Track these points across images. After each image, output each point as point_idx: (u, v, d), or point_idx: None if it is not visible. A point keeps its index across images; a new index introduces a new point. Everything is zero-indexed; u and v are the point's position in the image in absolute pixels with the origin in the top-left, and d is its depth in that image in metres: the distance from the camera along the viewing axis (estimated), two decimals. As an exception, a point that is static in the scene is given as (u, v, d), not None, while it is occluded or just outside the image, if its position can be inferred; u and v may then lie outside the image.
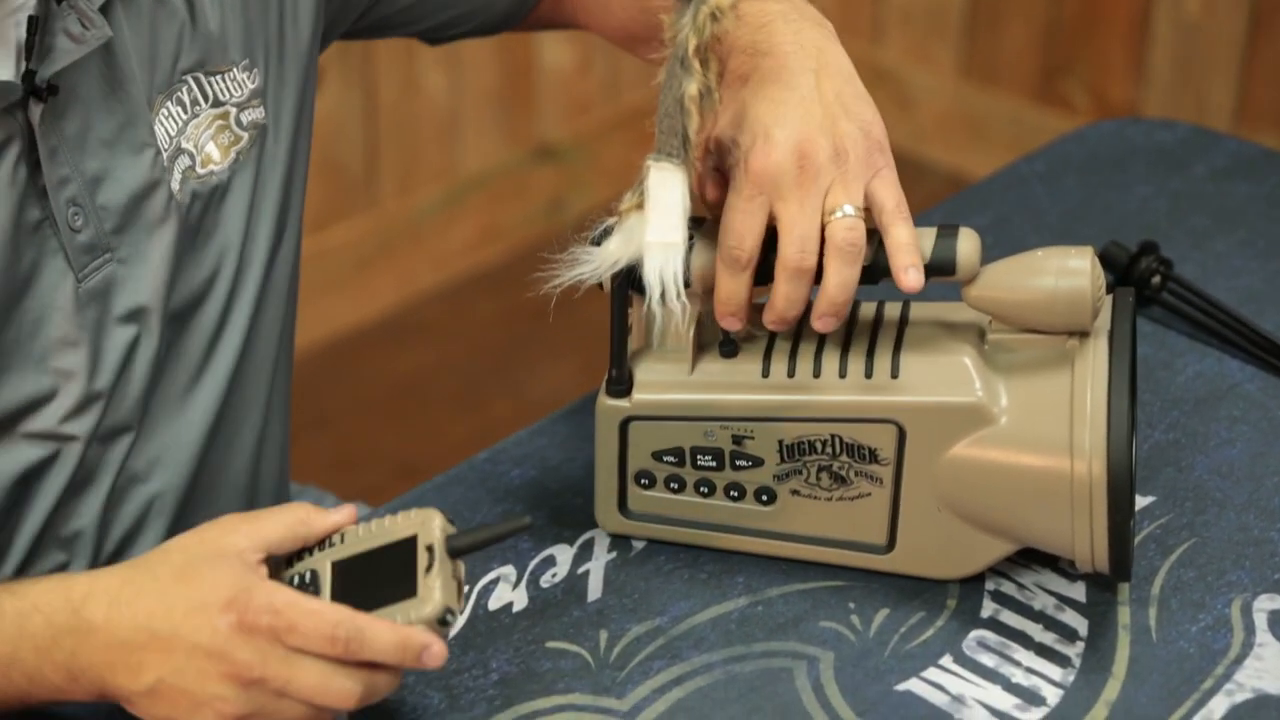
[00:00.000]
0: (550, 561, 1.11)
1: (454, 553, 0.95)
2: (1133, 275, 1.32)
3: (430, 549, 0.94)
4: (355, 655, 0.92)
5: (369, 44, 2.58)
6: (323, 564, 0.96)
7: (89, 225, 1.05)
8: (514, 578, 1.10)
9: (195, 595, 0.93)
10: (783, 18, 1.08)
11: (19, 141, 1.01)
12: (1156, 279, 1.32)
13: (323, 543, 0.98)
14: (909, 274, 1.00)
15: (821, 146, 1.01)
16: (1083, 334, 1.04)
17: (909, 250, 1.01)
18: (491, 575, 1.10)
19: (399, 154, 2.72)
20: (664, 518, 1.11)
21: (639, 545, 1.12)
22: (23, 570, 1.08)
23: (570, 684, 1.03)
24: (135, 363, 1.09)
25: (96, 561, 1.11)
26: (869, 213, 1.02)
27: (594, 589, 1.09)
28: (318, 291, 2.45)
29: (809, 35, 1.07)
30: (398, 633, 0.92)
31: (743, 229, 1.02)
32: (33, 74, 1.00)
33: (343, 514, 0.99)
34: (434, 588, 0.93)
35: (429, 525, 0.95)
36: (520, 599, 1.09)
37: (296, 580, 0.96)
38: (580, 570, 1.11)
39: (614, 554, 1.12)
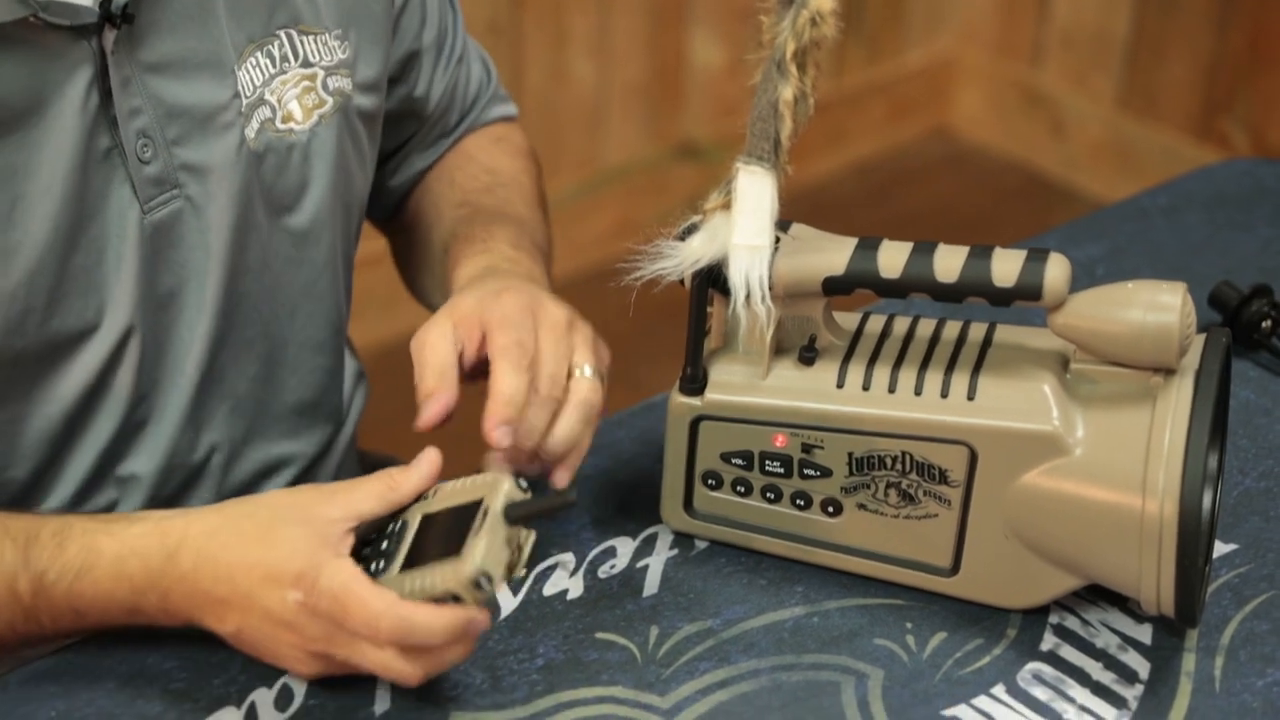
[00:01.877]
0: (611, 553, 1.11)
1: (509, 521, 0.97)
2: (1242, 317, 1.28)
3: (486, 512, 0.96)
4: (407, 643, 0.95)
5: (519, 26, 2.60)
6: (415, 516, 1.00)
7: (158, 158, 1.06)
8: (572, 565, 1.10)
9: (271, 561, 0.96)
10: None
11: (90, 67, 1.03)
12: (1267, 323, 1.28)
13: (420, 496, 1.01)
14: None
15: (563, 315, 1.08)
16: (1168, 371, 1.01)
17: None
18: (550, 561, 1.10)
19: (541, 140, 2.71)
20: (728, 520, 1.10)
21: (701, 545, 1.11)
22: (72, 507, 1.10)
23: (614, 676, 1.02)
24: (188, 304, 1.10)
25: (152, 504, 1.13)
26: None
27: (651, 584, 1.09)
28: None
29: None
30: (444, 617, 0.95)
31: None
32: (109, 0, 1.01)
33: (426, 464, 1.01)
34: (475, 550, 0.95)
35: (496, 489, 0.98)
36: (576, 587, 1.08)
37: (390, 528, 1.00)
38: (640, 564, 1.10)
39: (675, 551, 1.11)
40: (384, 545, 0.99)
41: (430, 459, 1.01)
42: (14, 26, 0.99)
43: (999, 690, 1.02)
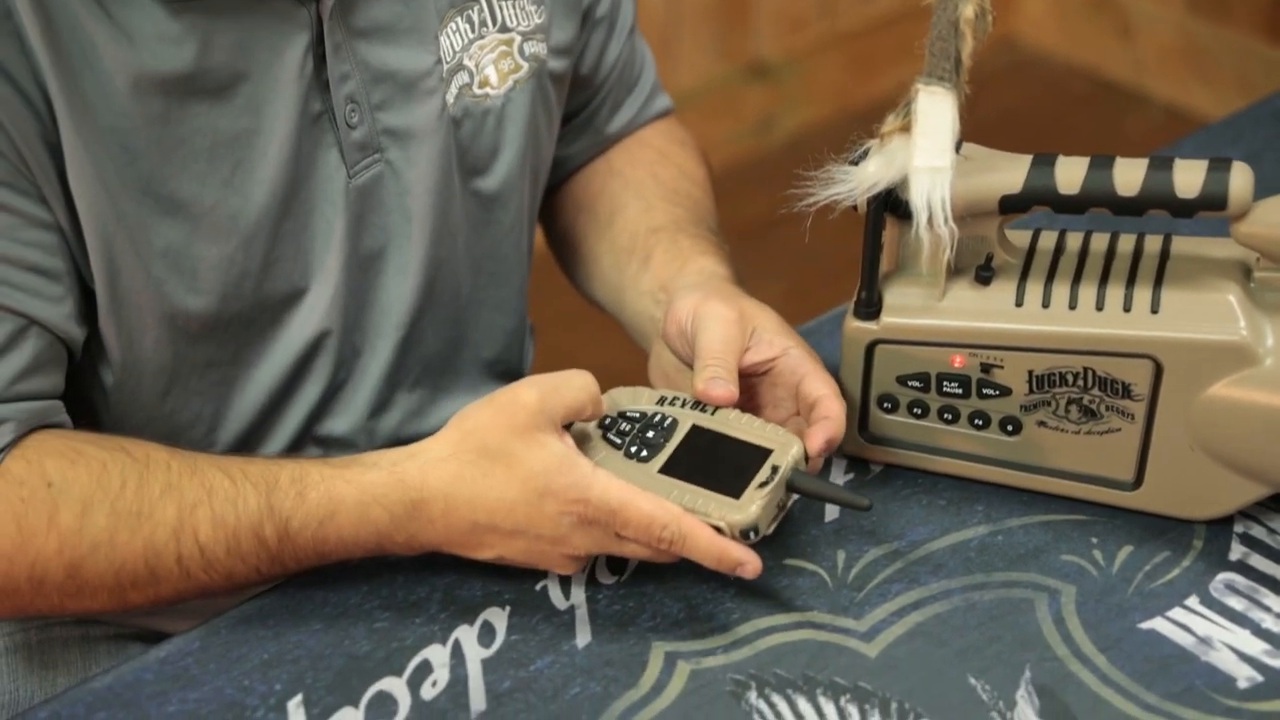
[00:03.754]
0: (788, 480, 1.11)
1: (790, 485, 0.99)
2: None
3: (775, 469, 0.98)
4: (675, 552, 0.98)
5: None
6: (684, 419, 1.02)
7: (363, 123, 1.06)
8: (752, 494, 1.10)
9: (531, 489, 0.97)
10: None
11: (308, 33, 1.03)
12: None
13: (693, 403, 1.03)
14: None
15: None
16: (1355, 276, 1.01)
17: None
18: (729, 490, 1.10)
19: (613, 65, 2.72)
20: (904, 442, 1.10)
21: (876, 469, 1.12)
22: None
23: (808, 601, 1.03)
24: (389, 266, 1.11)
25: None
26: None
27: (831, 510, 1.09)
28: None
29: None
30: (716, 544, 0.97)
31: None
32: None
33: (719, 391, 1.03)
34: (755, 503, 0.97)
35: (787, 450, 1.00)
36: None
37: (652, 417, 1.01)
38: (818, 490, 1.10)
39: (851, 475, 1.11)
40: (645, 433, 1.01)
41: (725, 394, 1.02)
42: None
43: (1193, 601, 1.02)
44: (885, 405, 1.09)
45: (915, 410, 1.09)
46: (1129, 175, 1.01)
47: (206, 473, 0.98)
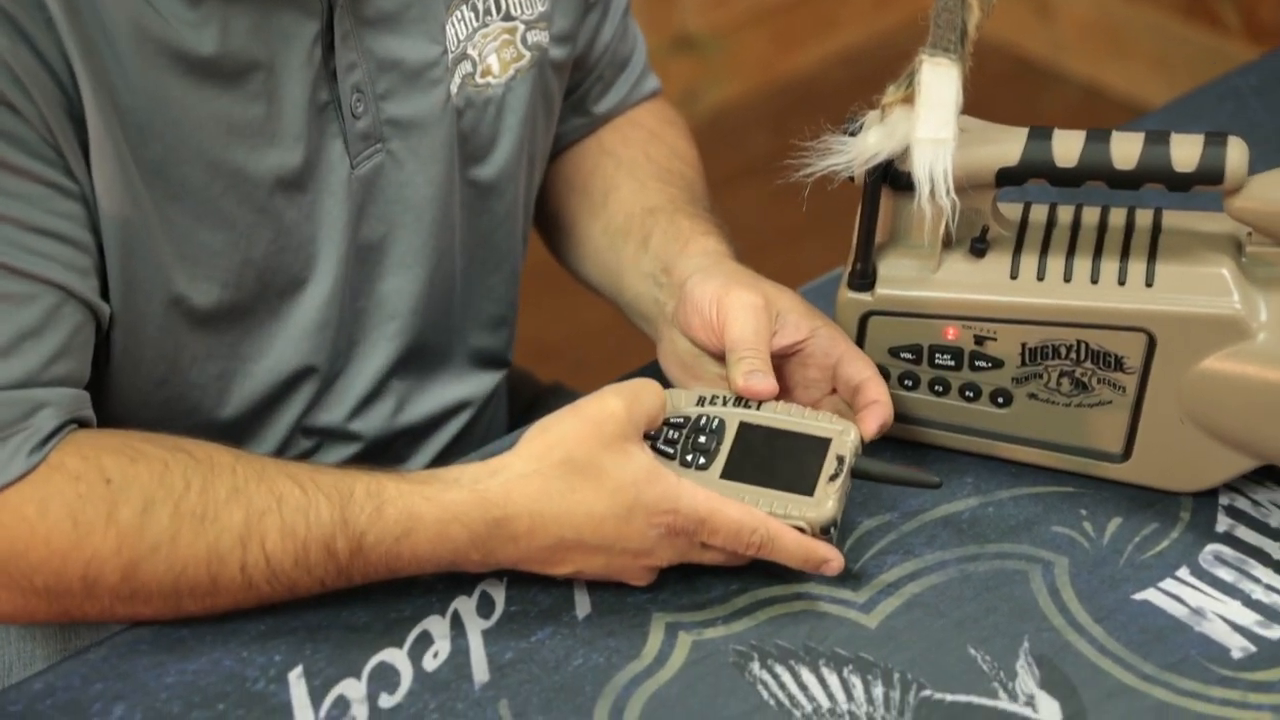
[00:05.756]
0: (777, 450, 1.11)
1: (855, 472, 0.98)
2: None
3: (841, 459, 0.98)
4: (760, 555, 0.97)
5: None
6: (730, 418, 1.00)
7: (368, 113, 1.05)
8: (742, 465, 1.10)
9: (620, 503, 0.95)
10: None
11: (318, 22, 1.01)
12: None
13: (734, 399, 1.01)
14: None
15: None
16: (1346, 251, 1.02)
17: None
18: (720, 461, 1.10)
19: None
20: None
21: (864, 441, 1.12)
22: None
23: (804, 573, 1.02)
24: (389, 256, 1.10)
25: (342, 451, 1.12)
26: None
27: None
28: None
29: None
30: (803, 545, 0.97)
31: None
32: None
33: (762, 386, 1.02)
34: (830, 497, 0.97)
35: (845, 437, 0.99)
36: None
37: (698, 421, 0.99)
38: (808, 461, 1.10)
39: (840, 447, 1.11)
40: (696, 438, 0.99)
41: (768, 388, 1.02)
42: None
43: (1184, 573, 1.03)
44: (876, 377, 1.09)
45: (906, 382, 1.09)
46: (1126, 149, 1.02)
47: (275, 479, 0.95)
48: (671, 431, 0.99)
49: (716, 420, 0.99)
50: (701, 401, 1.01)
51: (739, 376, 1.02)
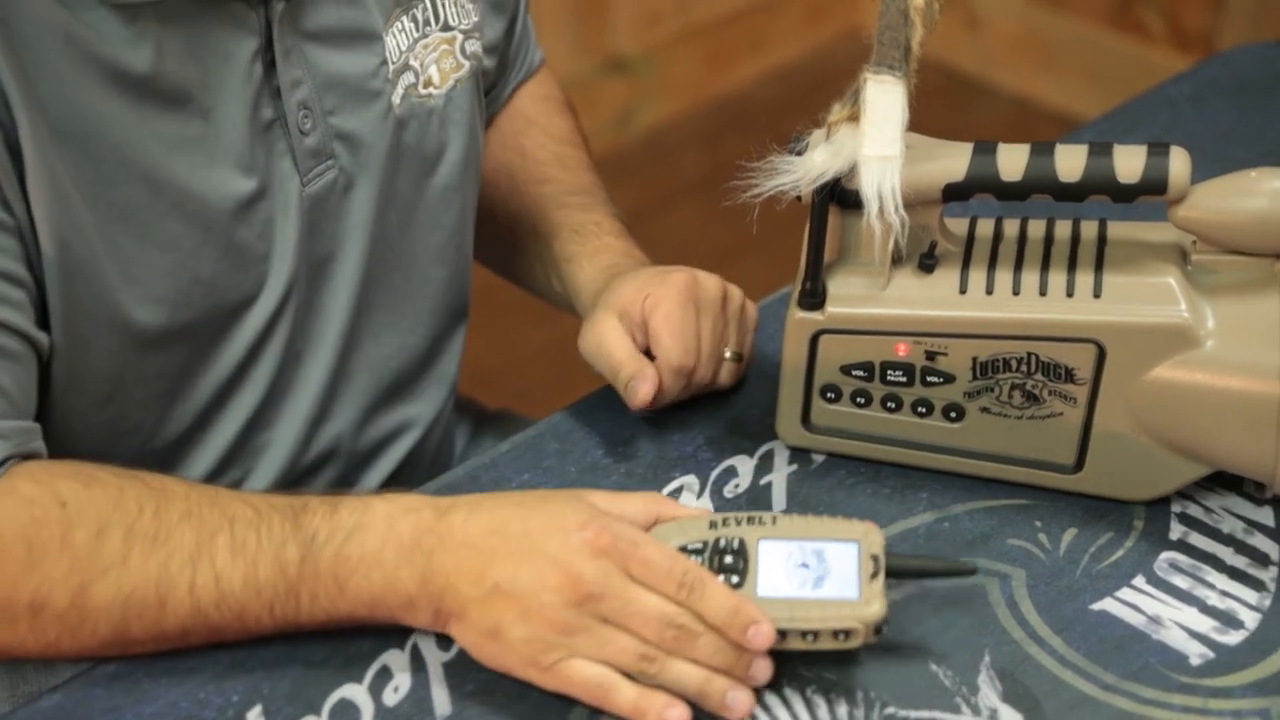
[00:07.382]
0: (731, 472, 1.11)
1: (891, 571, 0.97)
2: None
3: (875, 559, 0.96)
4: (689, 602, 0.93)
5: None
6: (749, 536, 0.97)
7: (316, 129, 1.04)
8: (697, 487, 1.10)
9: (554, 514, 0.94)
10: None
11: (257, 39, 1.00)
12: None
13: (745, 518, 0.98)
14: None
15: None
16: (1289, 257, 1.03)
17: None
18: (674, 484, 1.10)
19: (473, 60, 2.70)
20: (847, 432, 1.10)
21: (818, 459, 1.12)
22: (209, 479, 1.08)
23: (765, 594, 1.02)
24: (336, 272, 1.09)
25: (286, 474, 1.11)
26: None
27: (778, 500, 1.09)
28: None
29: None
30: (733, 599, 0.93)
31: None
32: None
33: (696, 511, 1.00)
34: (877, 596, 0.95)
35: (872, 537, 0.97)
36: (705, 508, 1.08)
37: (723, 544, 0.97)
38: (762, 481, 1.10)
39: (794, 466, 1.11)
40: (722, 559, 0.96)
41: (703, 511, 1.02)
42: None
43: (1140, 581, 1.04)
44: (828, 395, 1.09)
45: (858, 399, 1.09)
46: (1070, 162, 1.02)
47: (229, 503, 0.94)
48: (695, 558, 0.97)
49: (736, 540, 0.97)
50: (714, 525, 0.98)
51: (626, 397, 1.08)
